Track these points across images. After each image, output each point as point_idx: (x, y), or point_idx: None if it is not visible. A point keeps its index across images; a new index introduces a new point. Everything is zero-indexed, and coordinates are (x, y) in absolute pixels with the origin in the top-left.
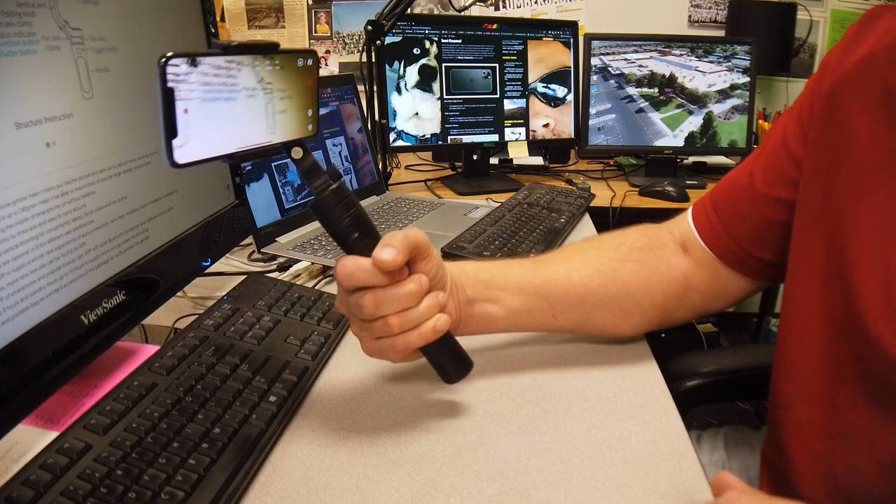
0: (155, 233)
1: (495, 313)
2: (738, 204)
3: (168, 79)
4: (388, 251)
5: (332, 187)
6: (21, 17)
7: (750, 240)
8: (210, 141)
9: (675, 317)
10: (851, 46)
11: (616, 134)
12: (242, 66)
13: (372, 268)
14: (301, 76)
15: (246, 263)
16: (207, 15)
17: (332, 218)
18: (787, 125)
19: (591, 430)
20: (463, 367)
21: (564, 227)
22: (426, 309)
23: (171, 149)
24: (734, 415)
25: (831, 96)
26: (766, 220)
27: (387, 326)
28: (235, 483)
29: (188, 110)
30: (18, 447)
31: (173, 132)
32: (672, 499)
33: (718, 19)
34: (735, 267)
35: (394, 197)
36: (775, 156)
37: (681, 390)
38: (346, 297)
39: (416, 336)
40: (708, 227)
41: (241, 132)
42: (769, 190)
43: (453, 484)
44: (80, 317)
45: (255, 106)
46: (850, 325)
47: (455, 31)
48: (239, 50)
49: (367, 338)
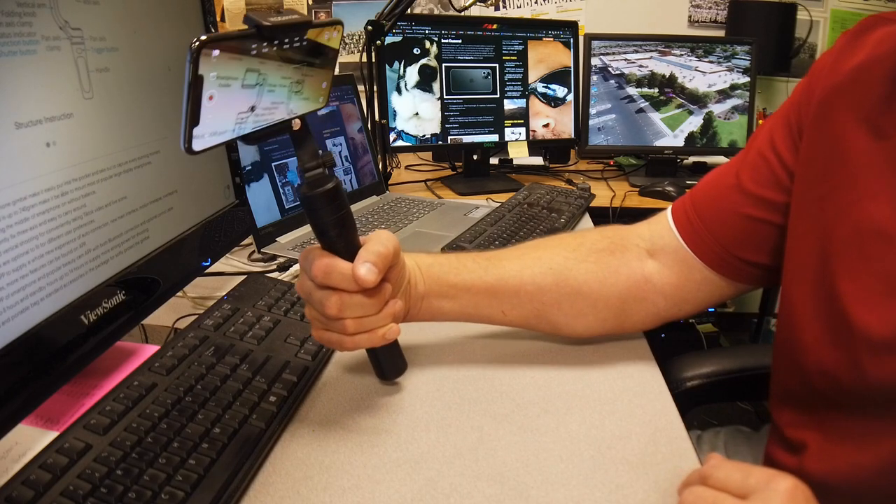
0: (155, 233)
1: (445, 307)
2: (722, 203)
3: (200, 66)
4: (369, 269)
5: (327, 187)
6: (21, 17)
7: (733, 240)
8: (228, 126)
9: (633, 320)
10: (844, 55)
11: (616, 134)
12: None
13: (349, 275)
14: (324, 49)
15: (246, 263)
16: (207, 15)
17: (320, 214)
18: (775, 128)
19: (591, 430)
20: (398, 368)
21: (564, 227)
22: (382, 317)
23: (190, 136)
24: (734, 415)
25: (823, 104)
26: (751, 220)
27: (342, 326)
28: (235, 483)
29: (213, 97)
30: (18, 447)
31: (196, 120)
32: (672, 499)
33: (718, 19)
34: (716, 268)
35: (394, 197)
36: (763, 158)
37: (681, 390)
38: (310, 288)
39: (365, 339)
40: (688, 226)
41: (259, 113)
42: (757, 190)
43: (453, 484)
44: (80, 317)
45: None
46: (846, 330)
47: (455, 31)
48: (273, 29)
49: (319, 326)
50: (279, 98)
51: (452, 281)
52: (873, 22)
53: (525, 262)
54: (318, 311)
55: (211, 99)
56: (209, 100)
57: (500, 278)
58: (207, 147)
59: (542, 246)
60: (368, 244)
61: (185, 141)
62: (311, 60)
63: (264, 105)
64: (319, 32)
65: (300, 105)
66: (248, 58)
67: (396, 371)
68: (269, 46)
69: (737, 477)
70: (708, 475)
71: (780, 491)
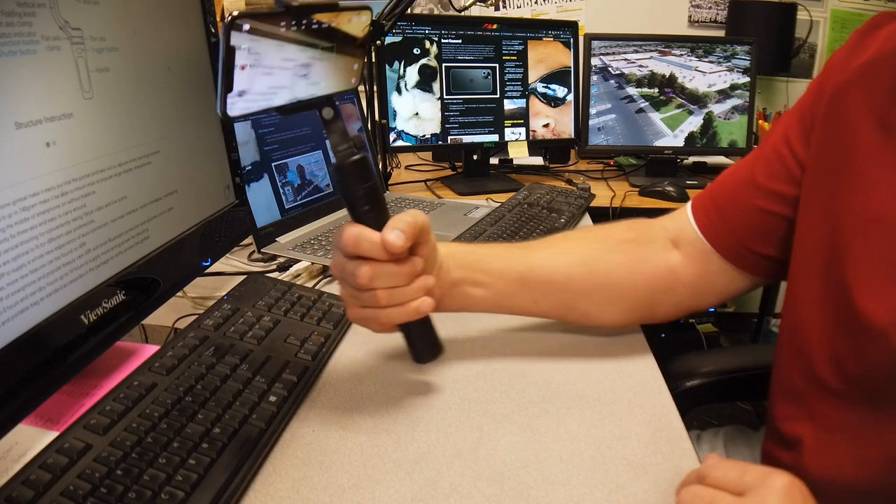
0: (155, 233)
1: (477, 295)
2: (738, 198)
3: (231, 38)
4: (398, 235)
5: (355, 157)
6: (21, 17)
7: (748, 233)
8: (261, 96)
9: (660, 311)
10: (856, 50)
11: (616, 134)
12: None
13: (378, 242)
14: (353, 31)
15: (246, 263)
16: (207, 15)
17: (349, 184)
18: (789, 124)
19: (591, 430)
20: (434, 350)
21: (564, 227)
22: (414, 290)
23: (225, 101)
24: (734, 415)
25: (835, 98)
26: (766, 213)
27: (375, 298)
28: (235, 483)
29: (245, 67)
30: (18, 447)
31: (230, 86)
32: (672, 499)
33: (718, 19)
34: (732, 260)
35: (394, 197)
36: (777, 153)
37: (681, 390)
38: (343, 262)
39: (399, 312)
40: (707, 220)
41: (290, 87)
42: (770, 184)
43: (453, 484)
44: (80, 317)
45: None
46: (851, 319)
47: (455, 31)
48: (301, 10)
49: (354, 304)
50: (309, 76)
51: (485, 268)
52: (883, 19)
53: (555, 252)
54: (351, 284)
55: (243, 69)
56: (241, 69)
57: (531, 267)
58: (242, 114)
59: (571, 237)
60: (397, 216)
61: (220, 105)
62: (340, 42)
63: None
64: (346, 16)
65: (331, 84)
66: (279, 35)
67: (432, 353)
68: (297, 25)
69: (733, 475)
70: (705, 474)
71: (776, 488)
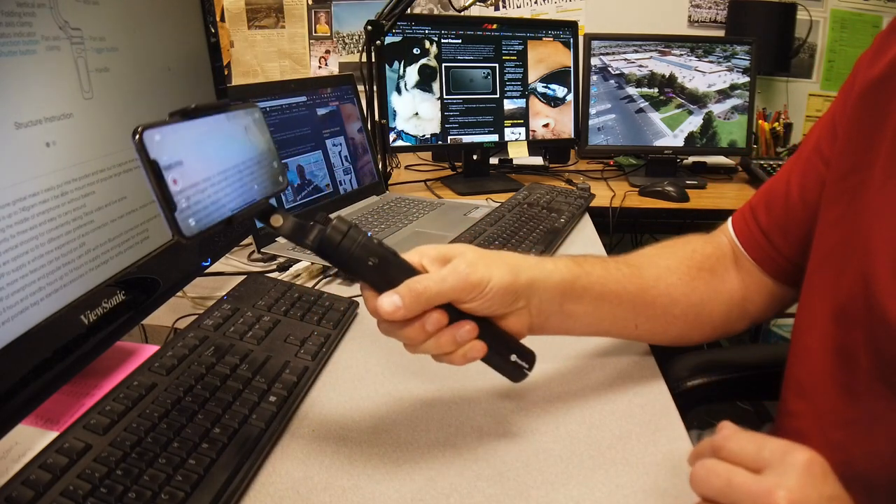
0: (155, 233)
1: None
2: (775, 211)
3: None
4: (388, 304)
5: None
6: (21, 17)
7: (789, 247)
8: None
9: (737, 327)
10: (882, 50)
11: (616, 134)
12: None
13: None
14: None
15: (246, 263)
16: (207, 15)
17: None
18: (822, 131)
19: (591, 430)
20: (518, 371)
21: (564, 227)
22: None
23: (175, 222)
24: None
25: (864, 96)
26: (804, 226)
27: (425, 350)
28: (235, 483)
29: (177, 180)
30: (18, 447)
31: (171, 205)
32: (672, 499)
33: (718, 19)
34: (775, 275)
35: (394, 197)
36: (810, 163)
37: (681, 390)
38: None
39: (450, 360)
40: (749, 236)
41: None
42: (805, 195)
43: (453, 484)
44: (80, 317)
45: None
46: (866, 312)
47: (455, 31)
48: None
49: None
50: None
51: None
52: None
53: (659, 271)
54: None
55: (176, 182)
56: (174, 183)
57: (641, 288)
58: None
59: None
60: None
61: (173, 230)
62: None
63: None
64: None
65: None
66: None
67: (520, 374)
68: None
69: (750, 449)
70: (720, 446)
71: (796, 465)
